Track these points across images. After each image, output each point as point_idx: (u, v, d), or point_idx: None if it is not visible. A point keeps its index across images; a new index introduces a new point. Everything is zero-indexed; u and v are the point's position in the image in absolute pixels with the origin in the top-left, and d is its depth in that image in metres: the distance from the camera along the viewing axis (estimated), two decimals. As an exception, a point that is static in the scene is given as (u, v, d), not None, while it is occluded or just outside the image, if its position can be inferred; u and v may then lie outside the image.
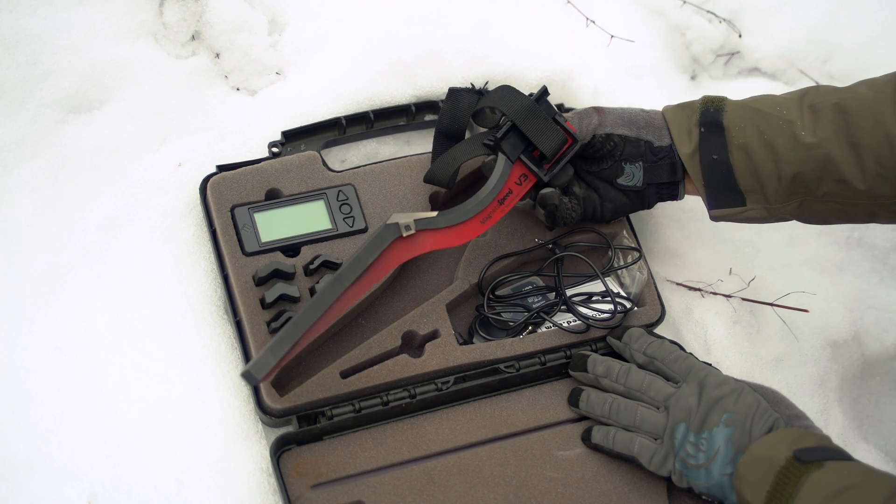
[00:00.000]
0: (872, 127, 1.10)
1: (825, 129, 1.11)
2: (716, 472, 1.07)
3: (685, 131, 1.17)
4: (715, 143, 1.15)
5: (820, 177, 1.12)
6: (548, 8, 1.47)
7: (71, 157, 1.23)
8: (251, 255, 1.18)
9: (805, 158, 1.12)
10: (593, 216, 1.23)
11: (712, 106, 1.17)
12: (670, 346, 1.17)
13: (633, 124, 1.19)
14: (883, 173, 1.10)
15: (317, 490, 1.09)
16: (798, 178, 1.13)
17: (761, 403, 1.08)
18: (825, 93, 1.14)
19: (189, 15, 1.32)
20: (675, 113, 1.19)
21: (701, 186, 1.17)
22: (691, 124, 1.17)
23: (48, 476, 1.07)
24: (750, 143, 1.14)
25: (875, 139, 1.10)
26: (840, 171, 1.11)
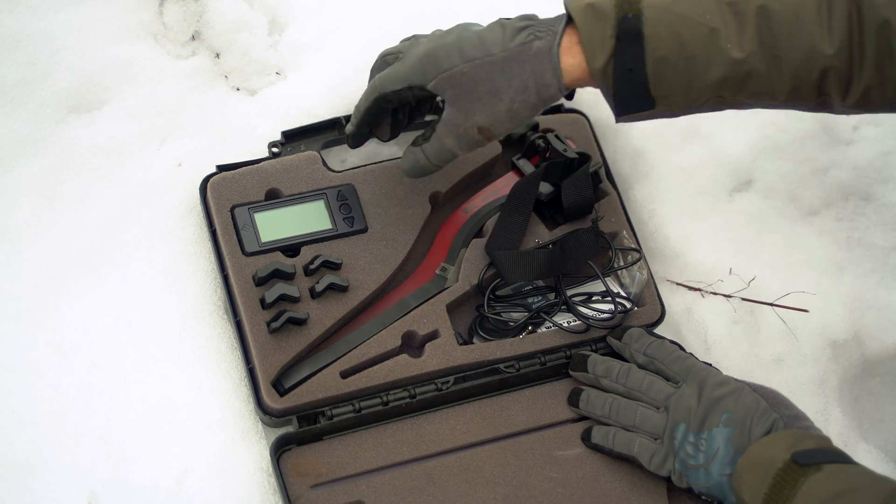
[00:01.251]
0: (796, 38, 1.01)
1: (750, 41, 1.02)
2: (715, 472, 1.07)
3: (598, 42, 1.04)
4: (631, 54, 1.03)
5: (738, 89, 1.05)
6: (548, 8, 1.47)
7: (71, 157, 1.23)
8: (251, 255, 1.18)
9: (726, 73, 1.03)
10: None
11: (630, 11, 1.03)
12: (670, 346, 1.17)
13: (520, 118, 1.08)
14: (801, 86, 1.04)
15: (317, 490, 1.09)
16: (715, 89, 1.05)
17: (761, 404, 1.08)
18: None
19: (189, 15, 1.32)
20: (586, 19, 1.04)
21: (609, 96, 1.06)
22: (605, 35, 1.03)
23: (48, 476, 1.07)
24: (670, 54, 1.03)
25: (798, 52, 1.02)
26: (761, 83, 1.05)
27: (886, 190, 1.42)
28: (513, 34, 1.06)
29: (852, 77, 1.02)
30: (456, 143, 1.10)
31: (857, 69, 1.02)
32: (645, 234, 1.35)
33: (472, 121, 1.08)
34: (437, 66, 1.07)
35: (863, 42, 1.01)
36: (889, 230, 1.41)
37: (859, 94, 1.03)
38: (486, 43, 1.06)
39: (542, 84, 1.06)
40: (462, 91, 1.06)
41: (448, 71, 1.06)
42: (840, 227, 1.41)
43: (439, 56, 1.07)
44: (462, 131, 1.08)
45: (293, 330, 1.14)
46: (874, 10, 1.00)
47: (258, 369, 1.12)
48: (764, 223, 1.39)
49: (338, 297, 1.17)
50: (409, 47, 1.12)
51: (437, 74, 1.07)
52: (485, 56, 1.06)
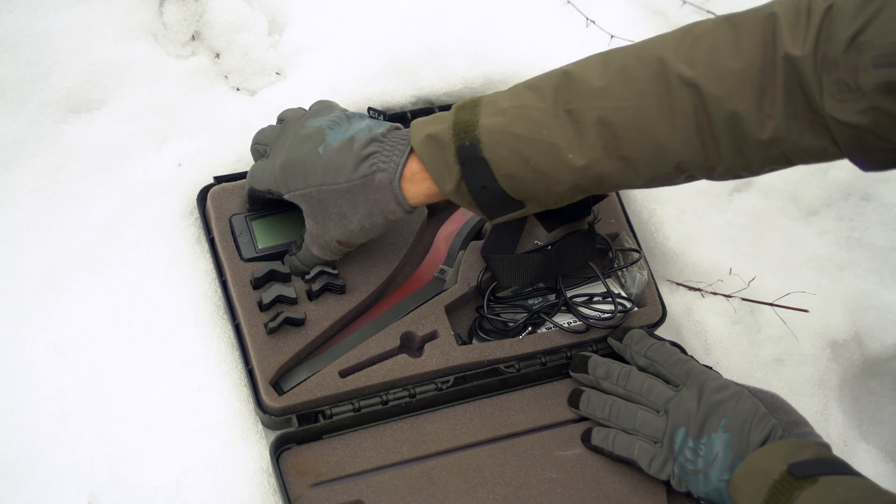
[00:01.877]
0: (641, 139, 1.01)
1: (593, 148, 1.02)
2: (714, 477, 1.07)
3: (444, 169, 1.06)
4: (480, 175, 1.05)
5: (598, 186, 1.06)
6: (548, 8, 1.47)
7: (71, 157, 1.23)
8: (249, 261, 1.18)
9: (578, 178, 1.04)
10: None
11: (467, 139, 1.04)
12: (671, 348, 1.17)
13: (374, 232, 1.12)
14: (660, 177, 1.05)
15: (316, 489, 1.09)
16: (574, 189, 1.06)
17: (759, 409, 1.08)
18: (581, 95, 1.03)
19: (189, 15, 1.32)
20: (427, 150, 1.06)
21: (475, 208, 1.09)
22: (449, 162, 1.05)
23: (48, 476, 1.07)
24: (517, 171, 1.04)
25: (646, 152, 1.02)
26: (616, 181, 1.05)
27: (886, 190, 1.42)
28: (356, 164, 1.08)
29: (714, 165, 1.02)
30: (321, 252, 1.15)
31: (716, 157, 1.02)
32: (645, 234, 1.35)
33: (330, 234, 1.12)
34: (290, 183, 1.11)
35: (714, 134, 1.00)
36: (889, 230, 1.41)
37: (728, 174, 1.04)
38: (330, 171, 1.09)
39: (387, 210, 1.09)
40: (315, 209, 1.11)
41: (300, 190, 1.11)
42: (840, 226, 1.41)
43: (294, 174, 1.11)
44: (323, 243, 1.13)
45: (291, 331, 1.14)
46: (719, 104, 0.98)
47: (257, 370, 1.12)
48: (764, 223, 1.39)
49: (335, 299, 1.17)
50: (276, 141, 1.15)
51: (290, 190, 1.11)
52: (331, 184, 1.09)
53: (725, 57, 0.98)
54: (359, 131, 1.10)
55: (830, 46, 0.94)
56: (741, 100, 0.98)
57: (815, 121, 0.97)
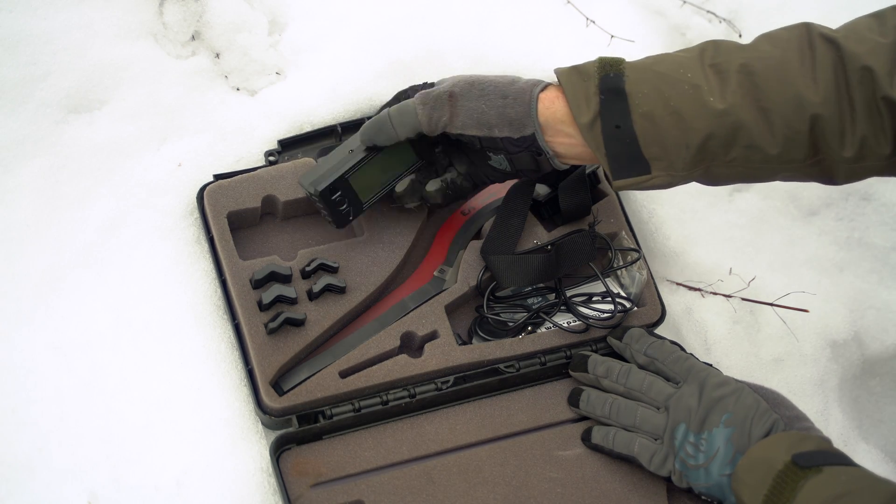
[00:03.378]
0: (781, 90, 1.04)
1: (734, 94, 1.04)
2: (715, 472, 1.07)
3: (583, 99, 1.07)
4: (617, 110, 1.06)
5: (730, 143, 1.06)
6: (548, 8, 1.47)
7: (71, 157, 1.23)
8: (248, 259, 1.18)
9: (714, 125, 1.05)
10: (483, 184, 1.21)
11: (612, 70, 1.07)
12: (671, 346, 1.17)
13: (483, 124, 1.11)
14: (793, 137, 1.05)
15: (316, 489, 1.09)
16: (707, 145, 1.06)
17: (761, 404, 1.08)
18: (727, 50, 1.07)
19: (189, 15, 1.32)
20: (570, 78, 1.08)
21: (602, 156, 1.08)
22: (589, 92, 1.07)
23: (48, 476, 1.07)
24: (655, 110, 1.05)
25: (785, 102, 1.04)
26: (751, 136, 1.05)
27: (886, 190, 1.42)
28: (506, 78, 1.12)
29: (844, 126, 1.03)
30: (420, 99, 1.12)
31: (849, 118, 1.03)
32: (645, 234, 1.35)
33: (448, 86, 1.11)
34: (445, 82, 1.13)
35: (850, 92, 1.02)
36: (889, 230, 1.41)
37: (857, 146, 1.04)
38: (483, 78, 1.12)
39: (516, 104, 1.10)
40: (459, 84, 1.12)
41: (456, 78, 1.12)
42: (840, 227, 1.41)
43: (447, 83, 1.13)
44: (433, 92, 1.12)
45: (291, 331, 1.14)
46: (856, 59, 1.02)
47: (257, 370, 1.12)
48: (764, 223, 1.39)
49: (335, 299, 1.17)
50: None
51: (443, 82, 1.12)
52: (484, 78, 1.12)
53: (867, 30, 1.04)
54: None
55: None
56: (876, 59, 1.01)
57: None
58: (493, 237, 1.22)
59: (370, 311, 1.20)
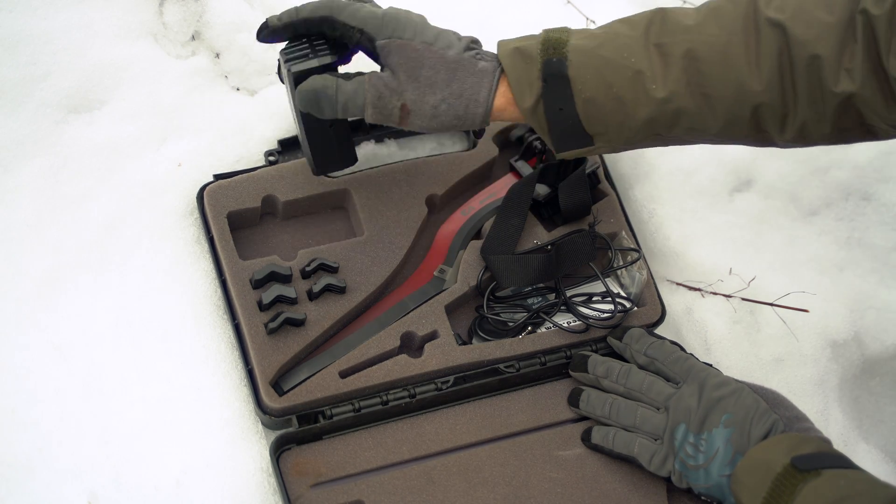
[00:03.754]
0: (725, 77, 1.03)
1: (677, 81, 1.04)
2: (715, 472, 1.07)
3: (526, 84, 1.06)
4: (560, 95, 1.05)
5: (671, 125, 1.07)
6: (548, 8, 1.47)
7: (71, 157, 1.23)
8: (248, 259, 1.18)
9: (656, 111, 1.05)
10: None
11: (555, 55, 1.05)
12: (671, 346, 1.17)
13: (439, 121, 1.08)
14: (735, 121, 1.05)
15: (316, 489, 1.09)
16: (648, 126, 1.06)
17: (760, 405, 1.08)
18: (674, 30, 1.05)
19: (189, 15, 1.32)
20: (513, 63, 1.07)
21: (545, 133, 1.08)
22: (532, 77, 1.05)
23: (48, 476, 1.07)
24: (597, 95, 1.05)
25: (727, 90, 1.03)
26: (692, 120, 1.06)
27: (886, 190, 1.42)
28: (465, 46, 1.08)
29: (787, 112, 1.03)
30: (373, 100, 1.07)
31: (792, 105, 1.03)
32: (645, 234, 1.35)
33: (401, 92, 1.07)
34: (398, 29, 1.07)
35: (794, 79, 1.01)
36: (889, 230, 1.41)
37: (796, 130, 1.04)
38: (441, 40, 1.07)
39: (473, 99, 1.07)
40: (407, 64, 1.06)
41: (405, 40, 1.07)
42: (840, 227, 1.41)
43: (404, 24, 1.07)
44: (387, 94, 1.07)
45: (291, 331, 1.14)
46: (803, 47, 1.00)
47: (257, 370, 1.12)
48: (764, 223, 1.39)
49: (335, 299, 1.17)
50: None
51: (392, 36, 1.07)
52: (440, 48, 1.07)
53: (815, 7, 1.01)
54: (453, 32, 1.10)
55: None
56: (824, 46, 1.00)
57: (886, 82, 0.98)
58: (493, 237, 1.22)
59: (370, 311, 1.20)
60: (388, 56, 1.07)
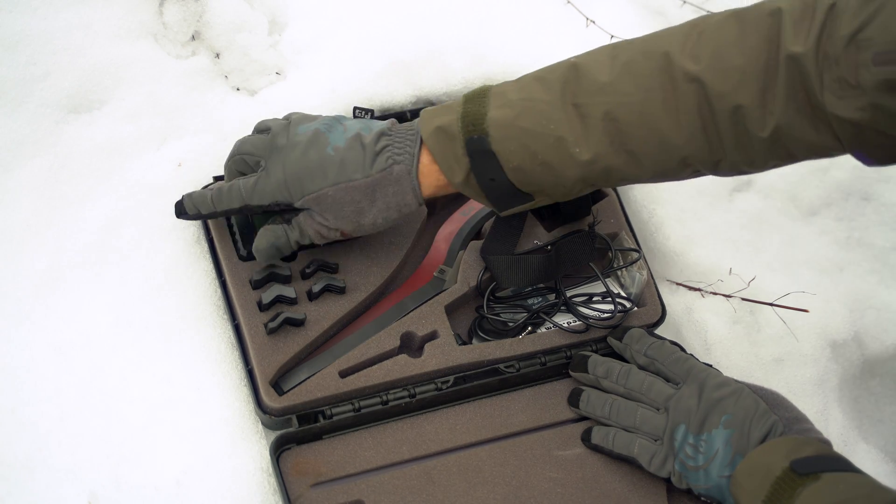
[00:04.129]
0: (647, 135, 1.03)
1: (599, 143, 1.04)
2: (714, 473, 1.07)
3: (453, 160, 1.07)
4: (489, 167, 1.07)
5: (605, 179, 1.07)
6: (548, 8, 1.47)
7: (71, 157, 1.23)
8: (248, 259, 1.18)
9: (585, 172, 1.06)
10: None
11: (476, 132, 1.06)
12: (671, 347, 1.17)
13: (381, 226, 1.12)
14: (665, 171, 1.06)
15: (316, 489, 1.09)
16: (581, 182, 1.07)
17: (760, 406, 1.08)
18: (589, 91, 1.04)
19: (189, 15, 1.32)
20: (437, 142, 1.08)
21: (484, 200, 1.10)
22: (458, 153, 1.07)
23: (48, 476, 1.07)
24: (524, 164, 1.06)
25: (651, 147, 1.03)
26: (623, 174, 1.06)
27: (886, 190, 1.42)
28: (372, 158, 1.09)
29: (718, 159, 1.03)
30: (317, 237, 1.13)
31: (720, 151, 1.03)
32: (645, 234, 1.35)
33: (337, 226, 1.11)
34: (301, 188, 1.09)
35: (718, 129, 1.01)
36: (889, 230, 1.41)
37: (731, 169, 1.05)
38: (347, 167, 1.09)
39: (402, 203, 1.10)
40: (328, 208, 1.10)
41: (314, 193, 1.09)
42: (840, 227, 1.41)
43: (304, 179, 1.09)
44: (325, 231, 1.12)
45: (291, 331, 1.14)
46: (723, 99, 0.99)
47: (257, 370, 1.12)
48: (764, 223, 1.39)
49: (335, 299, 1.17)
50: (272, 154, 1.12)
51: (302, 195, 1.10)
52: (348, 180, 1.09)
53: (730, 53, 0.99)
54: (360, 129, 1.10)
55: (832, 43, 0.94)
56: (745, 95, 0.98)
57: (817, 116, 0.97)
58: (492, 237, 1.22)
59: (370, 311, 1.20)
60: (309, 207, 1.10)
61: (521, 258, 1.21)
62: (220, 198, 1.12)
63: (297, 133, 1.11)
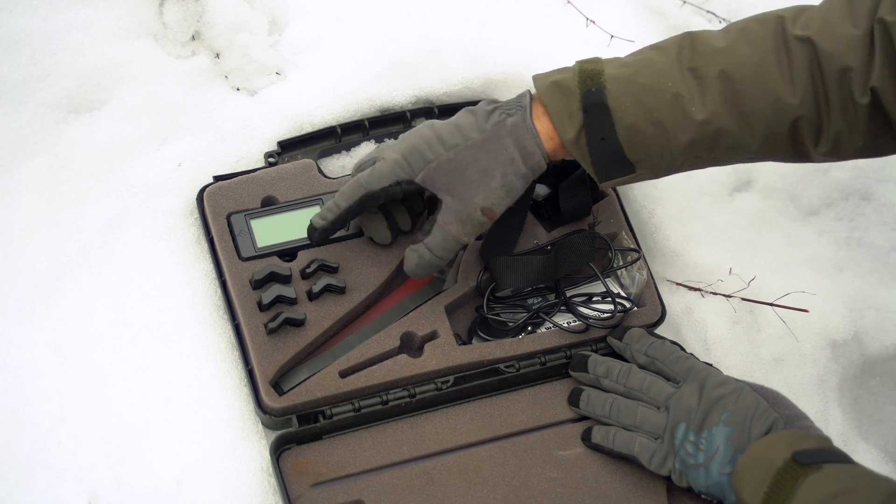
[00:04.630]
0: (761, 95, 1.06)
1: (714, 102, 1.07)
2: (715, 471, 1.07)
3: (566, 116, 1.09)
4: (601, 125, 1.08)
5: (712, 146, 1.09)
6: (548, 8, 1.48)
7: (71, 157, 1.23)
8: (247, 259, 1.18)
9: (697, 133, 1.08)
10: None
11: (593, 85, 1.08)
12: (671, 346, 1.17)
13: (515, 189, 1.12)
14: (773, 137, 1.08)
15: (316, 489, 1.09)
16: (689, 149, 1.09)
17: (761, 403, 1.08)
18: (705, 52, 1.07)
19: (189, 15, 1.32)
20: (552, 97, 1.09)
21: (588, 164, 1.11)
22: (572, 108, 1.08)
23: (48, 476, 1.07)
24: (638, 122, 1.07)
25: (765, 107, 1.06)
26: (733, 139, 1.08)
27: (886, 190, 1.42)
28: (485, 117, 1.10)
29: (822, 125, 1.06)
30: (461, 228, 1.11)
31: (825, 116, 1.05)
32: (645, 234, 1.35)
33: (474, 203, 1.10)
34: (421, 158, 1.09)
35: (826, 91, 1.04)
36: (889, 230, 1.41)
37: (831, 142, 1.07)
38: (462, 129, 1.09)
39: (526, 153, 1.10)
40: (453, 178, 1.09)
41: (434, 161, 1.09)
42: (840, 227, 1.41)
43: (421, 148, 1.09)
44: (465, 215, 1.10)
45: (291, 331, 1.14)
46: (832, 60, 1.03)
47: (257, 370, 1.12)
48: (764, 223, 1.39)
49: (335, 299, 1.17)
50: (382, 150, 1.13)
51: (423, 166, 1.09)
52: (465, 141, 1.09)
53: (839, 21, 1.04)
54: (465, 110, 1.12)
55: None
56: (853, 58, 1.02)
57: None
58: (492, 238, 1.22)
59: (370, 311, 1.20)
60: (434, 184, 1.10)
61: (521, 258, 1.21)
62: (342, 195, 1.12)
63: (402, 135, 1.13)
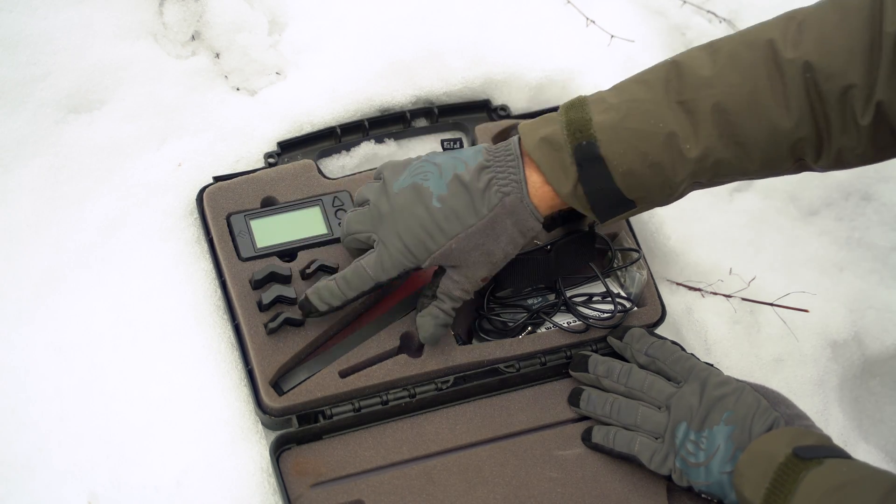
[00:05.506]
0: (756, 124, 1.03)
1: (710, 137, 1.04)
2: (715, 470, 1.07)
3: (560, 171, 1.07)
4: (597, 175, 1.06)
5: (712, 176, 1.08)
6: (548, 8, 1.47)
7: (71, 157, 1.23)
8: (247, 260, 1.18)
9: (695, 169, 1.06)
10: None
11: (584, 138, 1.05)
12: (672, 346, 1.17)
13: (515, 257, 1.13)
14: (773, 161, 1.06)
15: (316, 489, 1.09)
16: (690, 178, 1.07)
17: (762, 402, 1.08)
18: (694, 85, 1.04)
19: (189, 15, 1.32)
20: (542, 154, 1.07)
21: (588, 210, 1.10)
22: (565, 163, 1.06)
23: (48, 476, 1.07)
24: (634, 166, 1.05)
25: (761, 135, 1.04)
26: (731, 167, 1.07)
27: (886, 190, 1.42)
28: (480, 196, 1.08)
29: (822, 143, 1.04)
30: (464, 294, 1.13)
31: (826, 135, 1.03)
32: (645, 234, 1.35)
33: (476, 276, 1.11)
34: (425, 249, 1.09)
35: (826, 110, 1.02)
36: (889, 230, 1.41)
37: (833, 157, 1.05)
38: (461, 216, 1.09)
39: (526, 229, 1.10)
40: (458, 260, 1.10)
41: (438, 251, 1.09)
42: (840, 227, 1.41)
43: (424, 240, 1.09)
44: (468, 286, 1.12)
45: (291, 331, 1.14)
46: (832, 79, 1.00)
47: (257, 370, 1.12)
48: (764, 223, 1.39)
49: (335, 299, 1.17)
50: (375, 217, 1.11)
51: (427, 256, 1.10)
52: (465, 228, 1.09)
53: (834, 35, 1.01)
54: (455, 166, 1.10)
55: None
56: (856, 73, 1.00)
57: None
58: None
59: (370, 311, 1.20)
60: (443, 265, 1.11)
61: (521, 259, 1.21)
62: (348, 285, 1.11)
63: (395, 193, 1.10)
